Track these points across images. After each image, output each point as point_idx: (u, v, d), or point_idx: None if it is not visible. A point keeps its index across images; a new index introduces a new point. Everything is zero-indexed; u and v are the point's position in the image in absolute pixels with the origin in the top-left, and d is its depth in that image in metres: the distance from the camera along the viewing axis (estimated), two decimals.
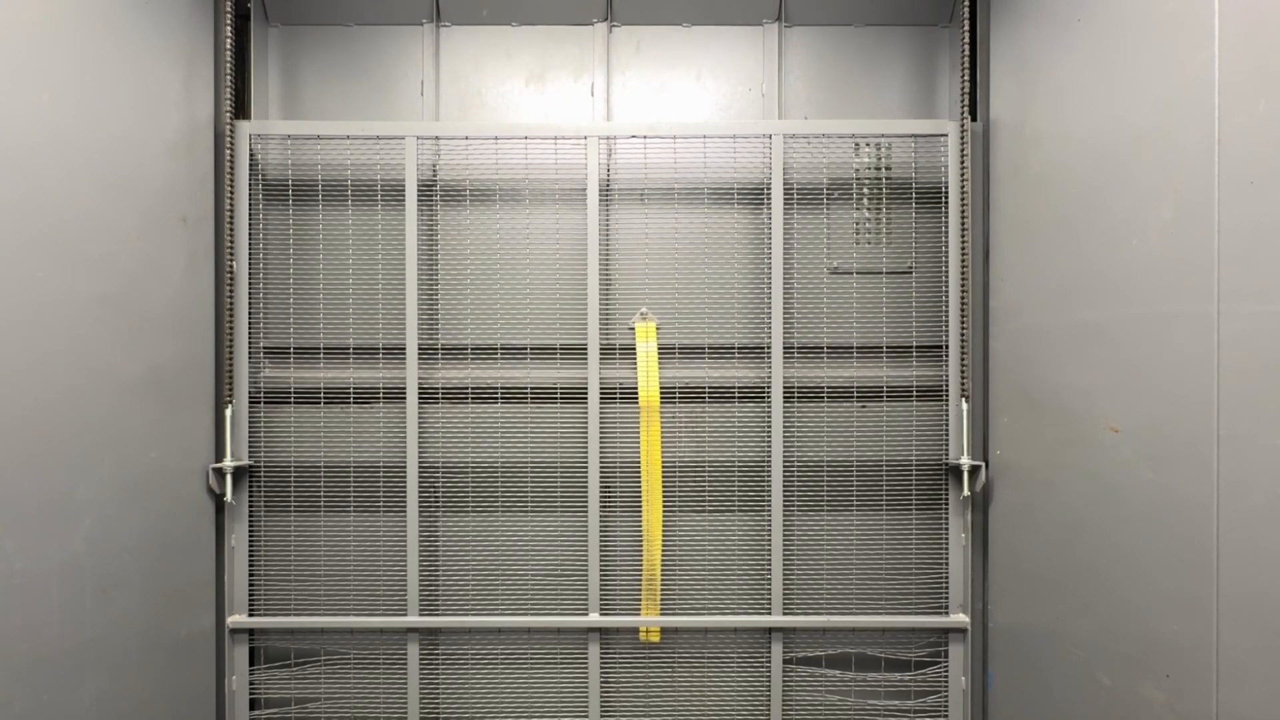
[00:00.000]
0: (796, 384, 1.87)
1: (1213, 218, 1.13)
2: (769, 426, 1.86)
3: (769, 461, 1.86)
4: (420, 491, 1.85)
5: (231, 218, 1.80)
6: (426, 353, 1.87)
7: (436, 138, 1.87)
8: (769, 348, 1.85)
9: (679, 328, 1.88)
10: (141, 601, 1.51)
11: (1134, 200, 1.30)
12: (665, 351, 1.88)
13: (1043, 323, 1.58)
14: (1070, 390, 1.49)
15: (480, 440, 1.87)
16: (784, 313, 1.85)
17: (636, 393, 1.87)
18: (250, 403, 1.84)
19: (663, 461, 1.87)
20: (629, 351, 1.88)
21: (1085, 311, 1.44)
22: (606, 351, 1.87)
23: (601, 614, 1.86)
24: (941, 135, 1.85)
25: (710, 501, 1.89)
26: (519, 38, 1.95)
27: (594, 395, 1.85)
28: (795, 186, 1.88)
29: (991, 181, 1.82)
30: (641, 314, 1.87)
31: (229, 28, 1.77)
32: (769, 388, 1.86)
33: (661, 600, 1.87)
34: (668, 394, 1.88)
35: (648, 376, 1.86)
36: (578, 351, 1.87)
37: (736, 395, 1.89)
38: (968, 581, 1.85)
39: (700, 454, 1.89)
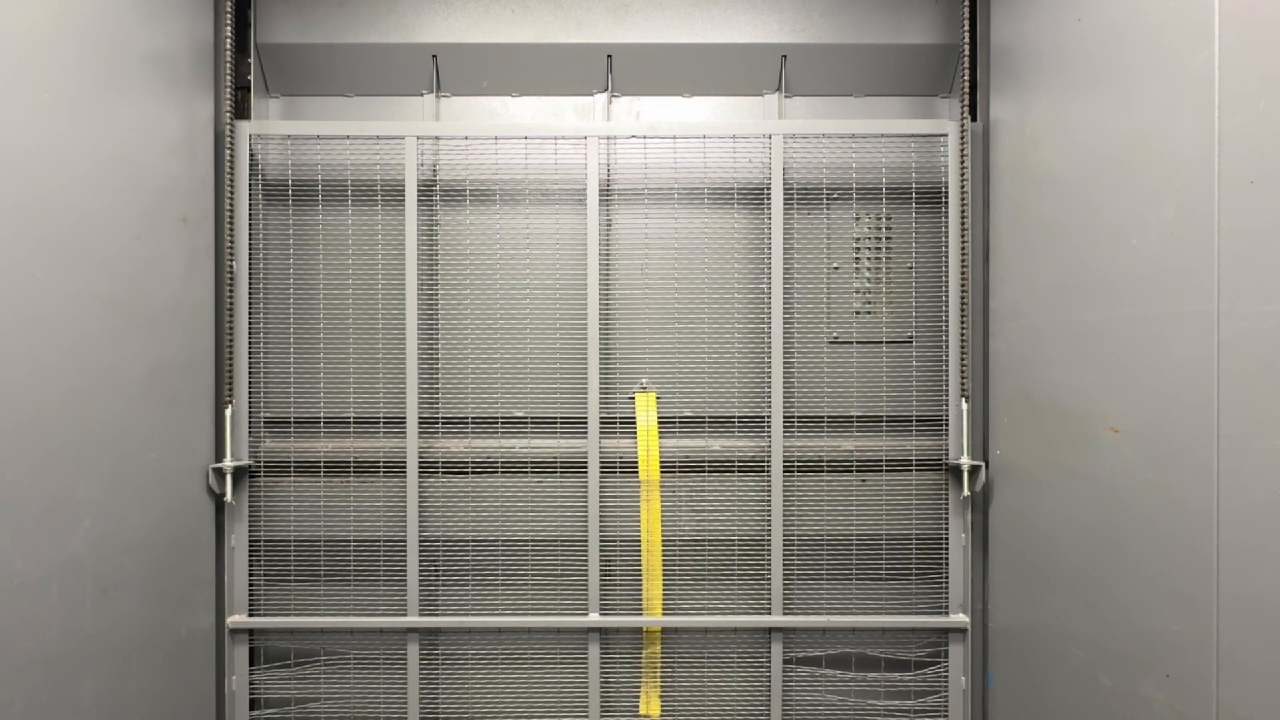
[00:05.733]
0: (796, 454, 1.88)
1: (1213, 218, 1.13)
2: (768, 481, 1.86)
3: (769, 523, 1.86)
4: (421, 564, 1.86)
5: (231, 218, 1.80)
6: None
7: (436, 138, 1.87)
8: (769, 419, 1.86)
9: (677, 327, 1.89)
10: (141, 601, 1.51)
11: (1134, 200, 1.30)
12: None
13: (1043, 323, 1.58)
14: (1070, 390, 1.49)
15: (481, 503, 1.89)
16: (784, 382, 1.86)
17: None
18: (250, 475, 1.85)
19: (663, 536, 1.88)
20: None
21: (1085, 311, 1.44)
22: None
23: (601, 614, 1.86)
24: (941, 135, 1.85)
25: (710, 577, 1.89)
26: (519, 108, 1.96)
27: (594, 461, 1.85)
28: (795, 187, 1.88)
29: (991, 182, 1.82)
30: (641, 385, 1.88)
31: (229, 28, 1.77)
32: (769, 457, 1.86)
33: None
34: (668, 448, 1.89)
35: (648, 451, 1.86)
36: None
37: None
38: (968, 581, 1.86)
39: (700, 528, 1.89)
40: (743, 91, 1.95)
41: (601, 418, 1.86)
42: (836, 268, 1.90)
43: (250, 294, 1.84)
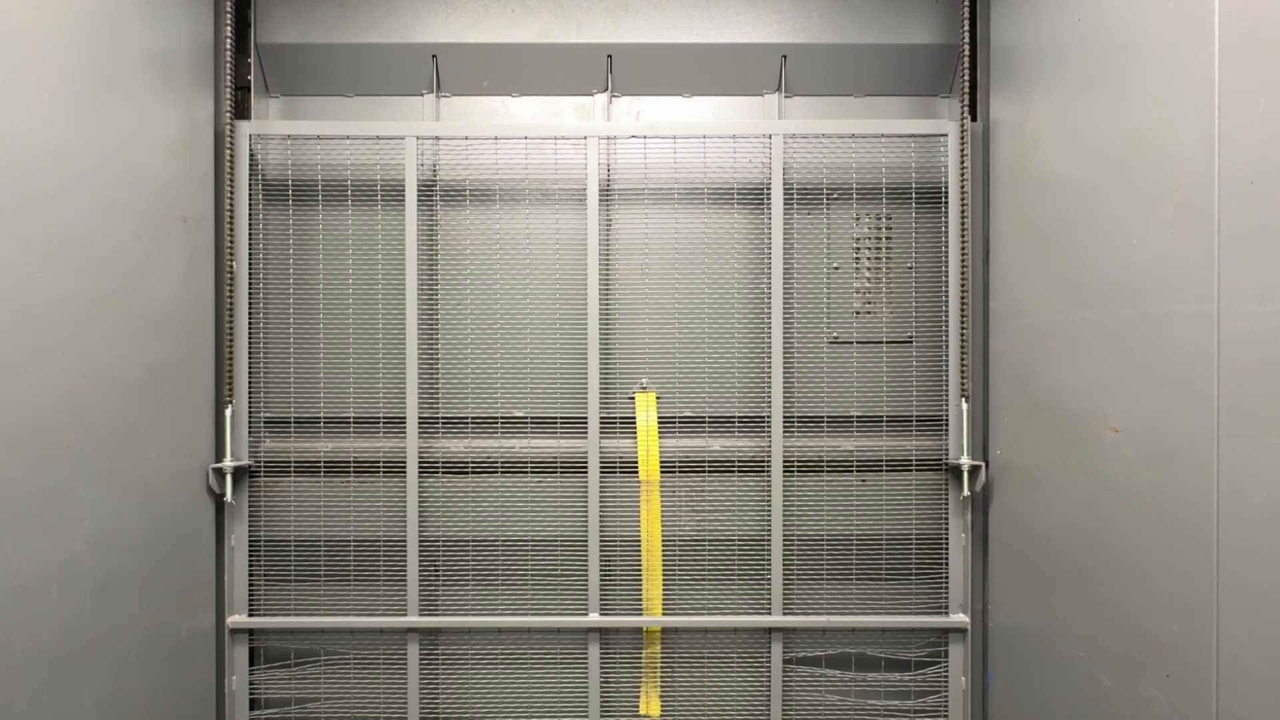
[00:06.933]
0: (796, 454, 1.88)
1: (1213, 218, 1.13)
2: (769, 468, 1.86)
3: (769, 513, 1.86)
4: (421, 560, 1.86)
5: (231, 218, 1.80)
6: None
7: (436, 138, 1.87)
8: (769, 419, 1.86)
9: (677, 325, 1.89)
10: (141, 601, 1.51)
11: (1134, 200, 1.30)
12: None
13: (1043, 323, 1.58)
14: (1070, 390, 1.49)
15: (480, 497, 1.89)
16: (784, 382, 1.86)
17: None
18: (250, 475, 1.85)
19: (663, 536, 1.88)
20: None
21: (1085, 311, 1.44)
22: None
23: (601, 614, 1.86)
24: (941, 135, 1.85)
25: (710, 577, 1.89)
26: (519, 108, 1.96)
27: (594, 461, 1.85)
28: (795, 187, 1.88)
29: (991, 182, 1.82)
30: (641, 385, 1.88)
31: (229, 28, 1.77)
32: (769, 456, 1.86)
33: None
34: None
35: (648, 451, 1.86)
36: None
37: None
38: (968, 581, 1.86)
39: (700, 528, 1.89)
40: (743, 91, 1.95)
41: (601, 418, 1.86)
42: (836, 268, 1.90)
43: (250, 294, 1.84)
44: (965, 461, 1.82)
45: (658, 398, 1.88)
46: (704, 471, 1.89)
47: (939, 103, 1.95)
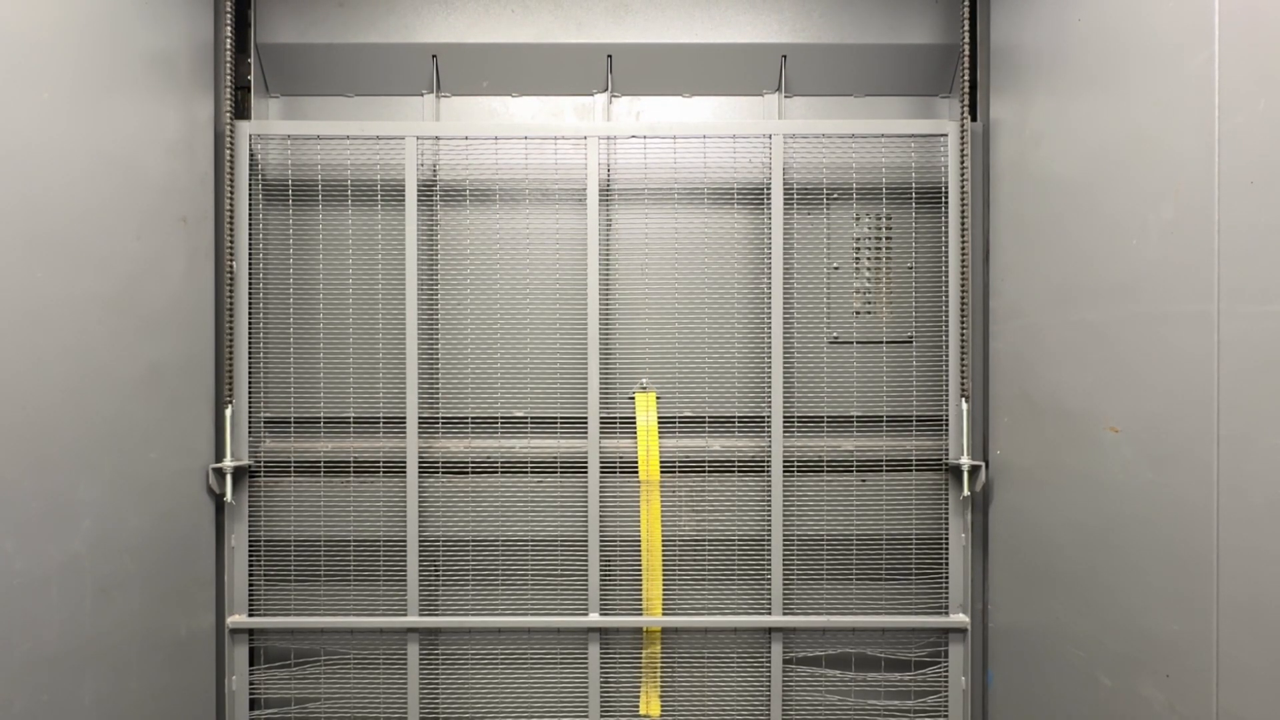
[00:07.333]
0: (796, 454, 1.88)
1: (1213, 218, 1.13)
2: (769, 466, 1.86)
3: (769, 508, 1.86)
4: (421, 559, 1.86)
5: (231, 218, 1.80)
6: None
7: (436, 138, 1.87)
8: (769, 419, 1.86)
9: (677, 324, 1.89)
10: (141, 601, 1.51)
11: (1134, 200, 1.30)
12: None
13: (1043, 323, 1.58)
14: (1070, 390, 1.49)
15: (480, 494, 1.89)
16: (784, 382, 1.86)
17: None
18: (250, 475, 1.85)
19: (663, 536, 1.88)
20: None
21: (1085, 311, 1.44)
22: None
23: (601, 614, 1.86)
24: (941, 135, 1.85)
25: (710, 577, 1.89)
26: (519, 108, 1.96)
27: (594, 461, 1.85)
28: (795, 187, 1.88)
29: (991, 181, 1.82)
30: (641, 385, 1.88)
31: (229, 28, 1.77)
32: (769, 457, 1.86)
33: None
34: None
35: (648, 451, 1.86)
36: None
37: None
38: (968, 581, 1.86)
39: (700, 528, 1.89)
40: (743, 91, 1.95)
41: (601, 418, 1.86)
42: (836, 268, 1.90)
43: (250, 294, 1.84)
44: (965, 461, 1.82)
45: (658, 398, 1.88)
46: (704, 471, 1.89)
47: (939, 103, 1.95)
